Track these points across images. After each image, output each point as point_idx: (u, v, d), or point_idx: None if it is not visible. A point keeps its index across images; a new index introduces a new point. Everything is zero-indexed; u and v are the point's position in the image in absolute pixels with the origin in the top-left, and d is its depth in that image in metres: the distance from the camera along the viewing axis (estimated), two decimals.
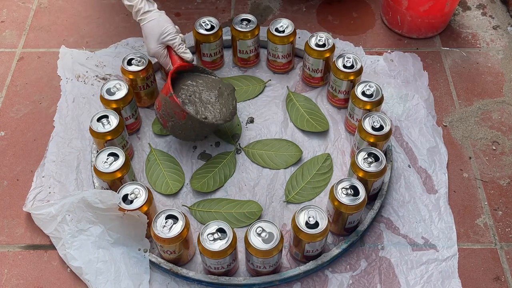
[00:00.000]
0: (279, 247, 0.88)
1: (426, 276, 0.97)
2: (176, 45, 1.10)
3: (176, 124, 1.05)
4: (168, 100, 1.04)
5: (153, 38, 1.08)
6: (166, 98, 1.04)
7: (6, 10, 1.43)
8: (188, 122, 1.03)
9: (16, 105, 1.23)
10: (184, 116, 1.03)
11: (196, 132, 1.06)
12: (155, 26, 1.08)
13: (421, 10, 1.28)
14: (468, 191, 1.09)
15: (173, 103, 1.03)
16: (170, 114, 1.04)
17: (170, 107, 1.04)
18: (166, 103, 1.05)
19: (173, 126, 1.06)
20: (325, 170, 1.10)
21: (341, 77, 1.13)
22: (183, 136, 1.08)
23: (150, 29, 1.08)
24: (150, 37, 1.09)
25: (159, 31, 1.08)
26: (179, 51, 1.10)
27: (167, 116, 1.05)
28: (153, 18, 1.09)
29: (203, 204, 1.06)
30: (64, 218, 0.98)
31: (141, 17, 1.09)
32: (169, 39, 1.09)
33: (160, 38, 1.08)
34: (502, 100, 1.24)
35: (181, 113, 1.03)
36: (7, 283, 0.98)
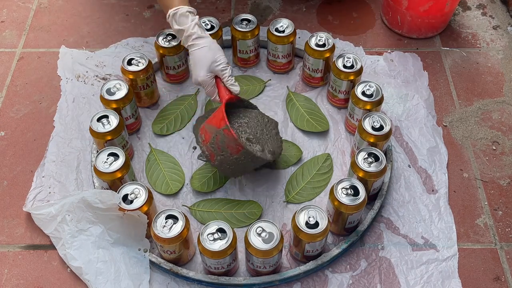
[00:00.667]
0: (279, 247, 0.88)
1: (426, 276, 0.97)
2: (226, 76, 1.04)
3: (226, 158, 0.99)
4: (221, 133, 0.98)
5: (204, 65, 1.03)
6: (220, 131, 0.98)
7: (6, 10, 1.43)
8: (241, 157, 0.98)
9: (16, 105, 1.23)
10: (239, 151, 0.97)
11: (246, 167, 1.01)
12: (207, 54, 1.03)
13: (421, 10, 1.28)
14: (468, 191, 1.09)
15: (229, 137, 0.97)
16: (222, 148, 0.98)
17: (223, 141, 0.98)
18: (219, 135, 0.98)
19: (222, 160, 0.99)
20: (325, 170, 1.10)
21: (341, 77, 1.13)
22: (231, 171, 1.02)
23: (201, 56, 1.03)
24: (201, 64, 1.03)
25: (211, 59, 1.03)
26: (228, 83, 1.04)
27: (217, 150, 0.99)
28: (205, 45, 1.03)
29: (203, 204, 1.06)
30: (64, 218, 0.98)
31: (192, 42, 1.03)
32: (220, 68, 1.03)
33: (211, 67, 1.03)
34: (502, 100, 1.24)
35: (236, 147, 0.97)
36: (7, 283, 0.98)
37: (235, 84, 1.05)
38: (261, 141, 1.04)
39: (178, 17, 1.04)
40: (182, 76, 1.24)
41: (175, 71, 1.21)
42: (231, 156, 0.98)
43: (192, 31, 1.03)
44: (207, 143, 1.01)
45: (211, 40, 1.05)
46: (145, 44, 1.33)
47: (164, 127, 1.17)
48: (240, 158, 0.98)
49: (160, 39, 1.17)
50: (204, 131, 1.02)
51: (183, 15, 1.03)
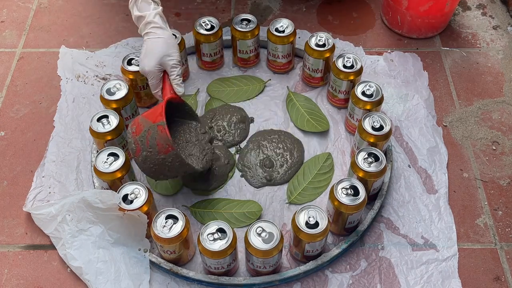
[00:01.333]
0: (279, 247, 0.88)
1: (426, 276, 0.97)
2: (174, 73, 1.02)
3: (152, 156, 0.94)
4: (155, 129, 0.94)
5: (155, 56, 1.00)
6: (153, 126, 0.94)
7: (6, 10, 1.43)
8: (168, 159, 0.94)
9: (16, 105, 1.23)
10: (168, 151, 0.93)
11: (170, 171, 0.97)
12: (162, 45, 1.00)
13: (421, 10, 1.28)
14: (468, 191, 1.09)
15: (162, 134, 0.93)
16: (151, 144, 0.94)
17: (154, 137, 0.94)
18: (151, 130, 0.94)
19: (146, 157, 0.95)
20: (326, 170, 1.10)
21: (341, 77, 1.13)
22: (153, 171, 0.97)
23: (155, 46, 1.00)
24: (152, 54, 1.00)
25: (164, 51, 1.00)
26: (174, 81, 1.02)
27: (145, 145, 0.94)
28: (162, 37, 1.01)
29: (203, 204, 1.06)
30: (64, 218, 0.98)
31: (150, 30, 1.01)
32: (172, 64, 1.01)
33: (162, 58, 1.00)
34: (502, 100, 1.24)
35: (166, 147, 0.93)
36: (7, 283, 0.98)
37: (181, 85, 1.03)
38: (191, 149, 1.04)
39: (140, 2, 1.01)
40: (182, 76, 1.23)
41: None
42: (158, 155, 0.94)
43: (153, 19, 1.01)
44: (136, 136, 0.96)
45: (169, 35, 1.03)
46: None
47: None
48: (167, 160, 0.94)
49: None
50: (137, 123, 0.97)
51: (144, 1, 1.02)
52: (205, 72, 1.27)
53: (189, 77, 1.26)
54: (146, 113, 0.99)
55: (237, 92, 1.23)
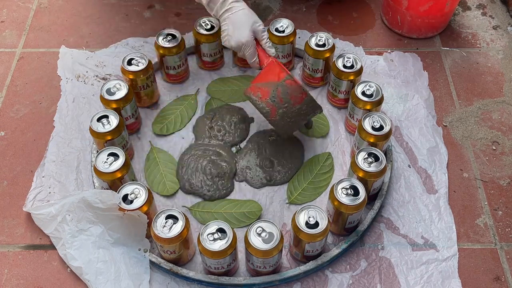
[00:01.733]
0: (279, 247, 0.88)
1: (426, 276, 0.97)
2: (265, 37, 1.07)
3: (288, 110, 0.99)
4: (283, 84, 0.99)
5: (247, 25, 1.04)
6: (281, 83, 0.99)
7: (6, 10, 1.43)
8: (303, 106, 0.99)
9: (16, 105, 1.23)
10: (302, 99, 0.99)
11: (303, 119, 1.02)
12: (248, 14, 1.05)
13: (421, 10, 1.28)
14: (468, 191, 1.09)
15: (293, 86, 0.98)
16: (284, 100, 0.99)
17: (286, 91, 0.99)
18: (280, 87, 0.99)
19: (283, 113, 1.00)
20: (326, 170, 1.10)
21: (341, 77, 1.13)
22: (289, 125, 1.02)
23: (243, 17, 1.04)
24: (244, 25, 1.04)
25: (252, 19, 1.05)
26: (266, 45, 1.07)
27: (279, 103, 0.99)
28: (244, 8, 1.06)
29: (203, 204, 1.06)
30: (64, 218, 0.98)
31: (230, 6, 1.05)
32: (261, 29, 1.06)
33: (253, 27, 1.04)
34: (502, 100, 1.24)
35: (301, 95, 0.99)
36: (7, 283, 0.98)
37: (272, 46, 1.08)
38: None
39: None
40: (182, 76, 1.24)
41: (175, 71, 1.21)
42: (294, 107, 0.99)
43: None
44: (267, 99, 1.00)
45: (247, 5, 1.07)
46: (145, 44, 1.33)
47: (164, 127, 1.17)
48: (302, 108, 0.99)
49: (160, 39, 1.17)
50: (258, 89, 1.01)
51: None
52: (205, 72, 1.27)
53: (189, 77, 1.26)
54: (259, 78, 1.03)
55: (237, 92, 1.23)
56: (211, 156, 1.11)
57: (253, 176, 1.09)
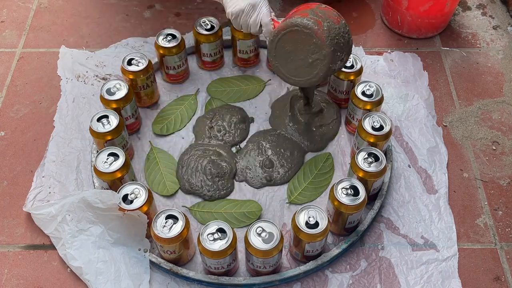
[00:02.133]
0: (279, 247, 0.88)
1: (426, 276, 0.98)
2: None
3: (332, 26, 0.94)
4: (318, 10, 0.96)
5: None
6: (315, 9, 0.96)
7: (6, 10, 1.43)
8: (341, 29, 0.95)
9: (16, 105, 1.23)
10: (339, 21, 0.96)
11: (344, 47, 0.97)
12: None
13: (421, 10, 1.28)
14: (468, 191, 1.09)
15: (327, 10, 0.97)
16: (324, 17, 0.94)
17: (323, 12, 0.96)
18: (316, 11, 0.95)
19: (329, 27, 0.94)
20: (326, 170, 1.10)
21: (341, 77, 1.13)
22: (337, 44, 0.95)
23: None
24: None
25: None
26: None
27: (322, 17, 0.94)
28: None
29: (203, 204, 1.06)
30: (64, 218, 0.98)
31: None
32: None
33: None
34: (502, 100, 1.24)
35: (337, 17, 0.96)
36: (7, 283, 0.98)
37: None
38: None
39: None
40: (182, 76, 1.24)
41: (175, 71, 1.21)
42: (335, 25, 0.95)
43: None
44: (308, 16, 0.95)
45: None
46: (145, 44, 1.33)
47: (164, 127, 1.17)
48: (341, 30, 0.95)
49: (160, 39, 1.17)
50: (294, 14, 0.97)
51: None
52: (205, 72, 1.27)
53: (189, 77, 1.26)
54: (291, 14, 0.98)
55: (237, 92, 1.23)
56: (211, 156, 1.11)
57: (253, 176, 1.09)
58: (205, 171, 1.08)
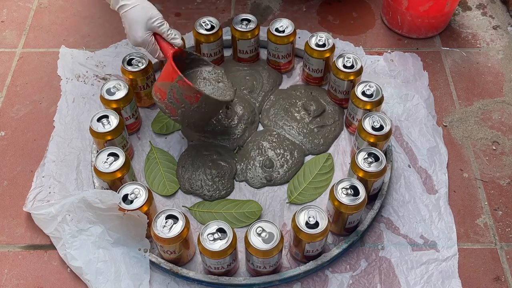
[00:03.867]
0: (279, 247, 0.88)
1: (426, 276, 0.98)
2: (165, 31, 1.03)
3: (188, 110, 0.99)
4: (176, 86, 0.98)
5: (140, 24, 1.00)
6: (174, 84, 0.98)
7: (6, 10, 1.43)
8: (202, 104, 0.98)
9: (16, 105, 1.23)
10: (197, 98, 0.97)
11: (208, 114, 1.03)
12: (141, 12, 1.00)
13: (421, 10, 1.28)
14: (468, 191, 1.09)
15: (184, 87, 0.97)
16: (180, 100, 0.98)
17: (180, 92, 0.98)
18: (174, 89, 0.98)
19: (183, 113, 1.00)
20: (326, 170, 1.10)
21: (341, 77, 1.13)
22: (193, 122, 1.02)
23: (135, 15, 1.00)
24: (137, 24, 1.00)
25: (146, 16, 1.00)
26: (168, 37, 1.03)
27: (176, 104, 0.99)
28: (137, 4, 1.01)
29: (203, 204, 1.06)
30: (64, 218, 0.98)
31: (123, 2, 1.01)
32: (157, 24, 1.01)
33: (148, 24, 1.01)
34: (502, 100, 1.24)
35: (195, 95, 0.97)
36: (7, 283, 0.98)
37: (176, 37, 1.04)
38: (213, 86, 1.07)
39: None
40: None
41: None
42: (192, 106, 0.98)
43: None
44: (164, 100, 1.00)
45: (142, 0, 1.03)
46: None
47: (164, 127, 1.17)
48: (201, 106, 0.98)
49: None
50: (158, 89, 1.01)
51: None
52: None
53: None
54: (160, 77, 1.03)
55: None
56: (211, 156, 1.10)
57: (253, 176, 1.09)
58: (205, 171, 1.08)
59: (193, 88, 0.97)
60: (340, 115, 1.18)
